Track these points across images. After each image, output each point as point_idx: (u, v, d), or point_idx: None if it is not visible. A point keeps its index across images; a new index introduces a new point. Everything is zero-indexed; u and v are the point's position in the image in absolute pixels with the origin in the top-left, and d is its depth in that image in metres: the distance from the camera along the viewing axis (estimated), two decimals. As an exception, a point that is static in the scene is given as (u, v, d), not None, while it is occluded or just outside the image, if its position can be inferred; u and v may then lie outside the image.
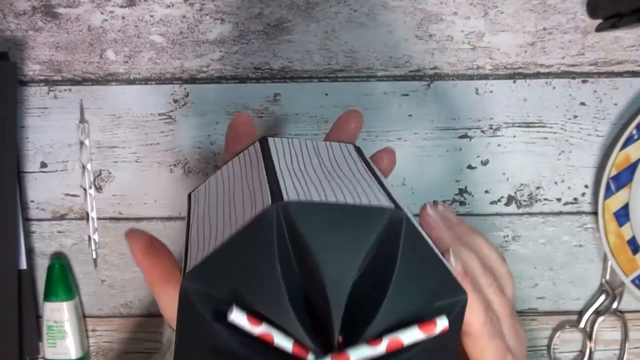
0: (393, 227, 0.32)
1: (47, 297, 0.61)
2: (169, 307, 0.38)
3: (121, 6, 0.59)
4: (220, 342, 0.31)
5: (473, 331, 0.36)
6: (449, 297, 0.33)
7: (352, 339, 0.31)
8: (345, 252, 0.31)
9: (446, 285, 0.33)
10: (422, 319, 0.32)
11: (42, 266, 0.63)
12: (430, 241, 0.34)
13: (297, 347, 0.31)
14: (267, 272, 0.31)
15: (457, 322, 0.34)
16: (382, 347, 0.31)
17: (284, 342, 0.31)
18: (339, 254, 0.31)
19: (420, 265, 0.32)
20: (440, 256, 0.33)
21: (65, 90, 0.61)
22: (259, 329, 0.31)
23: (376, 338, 0.31)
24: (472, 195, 0.62)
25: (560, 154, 0.62)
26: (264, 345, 0.31)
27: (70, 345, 0.61)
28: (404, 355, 0.32)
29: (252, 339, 0.31)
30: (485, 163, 0.62)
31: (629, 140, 0.58)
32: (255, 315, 0.31)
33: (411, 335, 0.31)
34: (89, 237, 0.62)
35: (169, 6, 0.59)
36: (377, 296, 0.32)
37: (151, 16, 0.60)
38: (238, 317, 0.31)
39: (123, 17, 0.60)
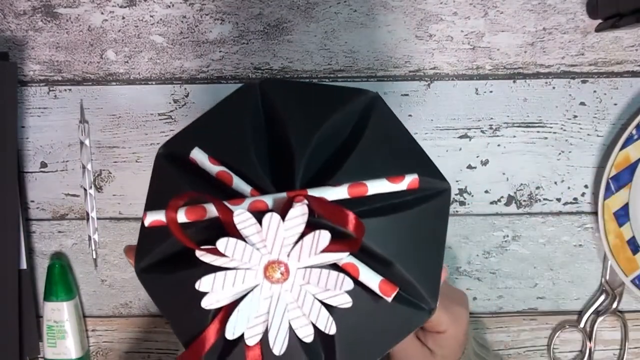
0: (366, 103, 0.34)
1: (47, 297, 0.61)
2: None
3: (121, 6, 0.59)
4: (172, 183, 0.32)
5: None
6: (429, 177, 0.33)
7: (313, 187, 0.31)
8: (313, 114, 0.33)
9: (426, 168, 0.33)
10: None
11: (42, 266, 0.63)
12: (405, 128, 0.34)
13: (255, 191, 0.31)
14: (236, 132, 0.33)
15: (442, 208, 0.33)
16: (343, 190, 0.31)
17: (242, 185, 0.31)
18: (307, 116, 0.33)
19: (392, 140, 0.33)
20: (419, 145, 0.34)
21: (65, 90, 0.61)
22: (218, 168, 0.32)
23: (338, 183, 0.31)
24: (472, 195, 0.62)
25: (560, 154, 0.62)
26: (213, 189, 0.32)
27: (70, 345, 0.61)
28: (388, 218, 0.32)
29: (204, 183, 0.32)
30: (485, 163, 0.62)
31: (629, 140, 0.58)
32: (218, 160, 0.32)
33: (377, 185, 0.31)
34: (89, 237, 0.62)
35: (169, 6, 0.59)
36: (342, 157, 0.32)
37: (151, 16, 0.60)
38: (198, 154, 0.32)
39: (123, 17, 0.60)
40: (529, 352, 0.65)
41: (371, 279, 0.31)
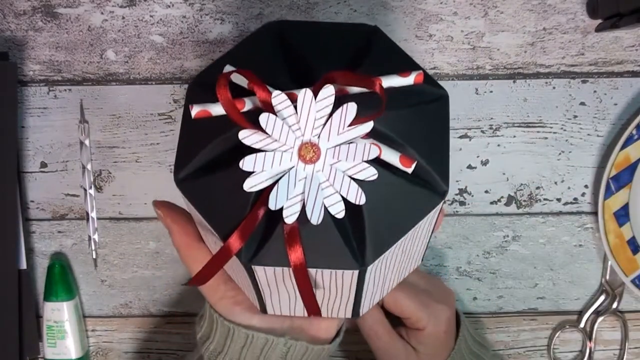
0: (369, 31, 0.39)
1: (47, 297, 0.61)
2: (196, 266, 0.42)
3: (121, 6, 0.59)
4: (209, 94, 0.35)
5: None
6: (429, 85, 0.38)
7: None
8: (324, 39, 0.39)
9: (426, 76, 0.38)
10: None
11: (42, 266, 0.63)
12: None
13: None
14: (259, 55, 0.38)
15: (442, 110, 0.38)
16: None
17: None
18: (320, 40, 0.39)
19: (396, 53, 0.39)
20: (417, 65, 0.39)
21: (65, 90, 0.61)
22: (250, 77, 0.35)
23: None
24: (472, 195, 0.62)
25: (560, 154, 0.62)
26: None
27: (70, 345, 0.61)
28: (399, 111, 0.36)
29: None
30: (485, 163, 0.62)
31: (629, 140, 0.58)
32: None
33: (390, 79, 0.36)
34: (89, 237, 0.62)
35: (169, 6, 0.59)
36: (355, 66, 0.38)
37: (151, 16, 0.60)
38: (230, 69, 0.36)
39: (123, 17, 0.60)
40: (529, 352, 0.65)
41: (392, 155, 0.35)
